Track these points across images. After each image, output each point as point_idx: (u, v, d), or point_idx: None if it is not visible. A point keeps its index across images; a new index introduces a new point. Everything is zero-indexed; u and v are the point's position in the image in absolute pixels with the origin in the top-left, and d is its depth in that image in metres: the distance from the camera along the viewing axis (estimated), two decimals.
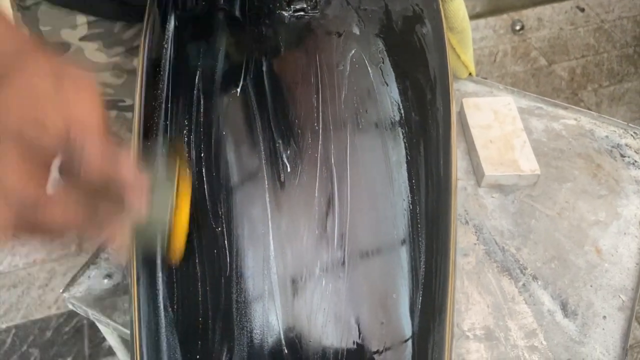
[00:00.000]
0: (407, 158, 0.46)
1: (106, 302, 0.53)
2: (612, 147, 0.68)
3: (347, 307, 0.40)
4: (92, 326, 1.17)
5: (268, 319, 0.39)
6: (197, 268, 0.40)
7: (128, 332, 0.51)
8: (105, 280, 0.54)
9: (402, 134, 0.47)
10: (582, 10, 2.02)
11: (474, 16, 1.95)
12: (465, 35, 0.68)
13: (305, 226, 0.42)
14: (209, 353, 0.38)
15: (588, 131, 0.69)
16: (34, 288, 1.28)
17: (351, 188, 0.43)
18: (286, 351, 0.38)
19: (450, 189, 0.46)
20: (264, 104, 0.46)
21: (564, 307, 0.54)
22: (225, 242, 0.41)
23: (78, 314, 0.55)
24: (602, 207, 0.61)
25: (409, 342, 0.39)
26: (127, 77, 0.63)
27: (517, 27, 1.92)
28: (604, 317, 0.53)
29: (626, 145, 0.68)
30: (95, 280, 0.55)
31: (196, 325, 0.39)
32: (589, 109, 1.52)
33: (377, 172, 0.45)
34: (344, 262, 0.41)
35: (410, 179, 0.45)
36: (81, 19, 0.58)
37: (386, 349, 0.39)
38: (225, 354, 0.38)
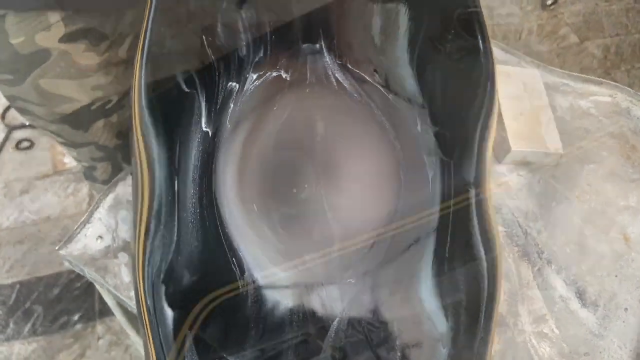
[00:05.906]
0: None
1: (99, 262, 0.50)
2: None
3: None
4: None
5: None
6: None
7: (120, 295, 0.49)
8: (98, 241, 0.52)
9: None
10: None
11: None
12: None
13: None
14: None
15: (624, 109, 0.64)
16: (45, 244, 1.28)
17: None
18: None
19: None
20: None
21: (580, 295, 0.50)
22: None
23: None
24: (634, 191, 0.57)
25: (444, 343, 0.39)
26: (115, 72, 0.58)
27: (549, 2, 1.83)
28: (626, 309, 0.49)
29: None
30: (91, 240, 0.52)
31: None
32: None
33: None
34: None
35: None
36: (53, 17, 0.51)
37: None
38: None
